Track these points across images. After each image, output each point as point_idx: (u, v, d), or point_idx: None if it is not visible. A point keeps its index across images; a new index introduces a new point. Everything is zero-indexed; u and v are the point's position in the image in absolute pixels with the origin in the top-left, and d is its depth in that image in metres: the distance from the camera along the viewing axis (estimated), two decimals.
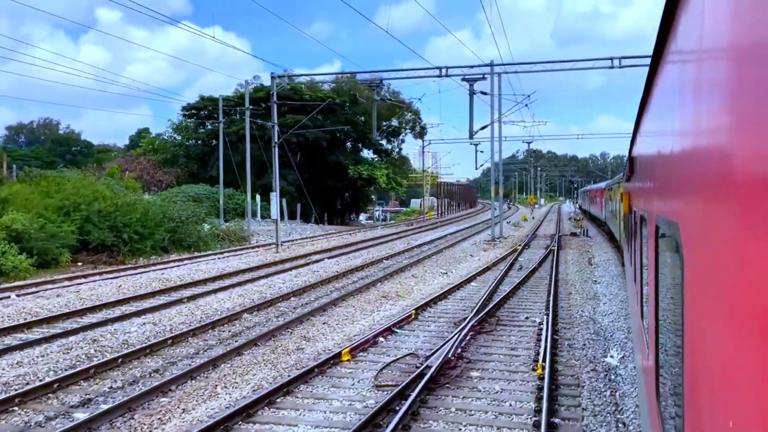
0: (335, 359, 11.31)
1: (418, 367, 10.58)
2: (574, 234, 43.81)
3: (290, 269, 24.83)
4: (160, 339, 13.04)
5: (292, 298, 18.58)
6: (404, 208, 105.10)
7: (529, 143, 64.89)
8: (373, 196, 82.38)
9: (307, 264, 26.71)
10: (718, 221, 1.49)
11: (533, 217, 71.09)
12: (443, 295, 18.03)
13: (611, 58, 27.85)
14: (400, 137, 68.03)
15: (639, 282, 5.60)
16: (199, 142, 57.94)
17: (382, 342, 12.83)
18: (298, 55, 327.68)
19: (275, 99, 32.68)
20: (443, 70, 29.10)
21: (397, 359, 11.48)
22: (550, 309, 15.69)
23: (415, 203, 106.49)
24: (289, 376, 10.32)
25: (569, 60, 29.10)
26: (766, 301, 1.07)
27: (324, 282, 21.16)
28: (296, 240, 40.95)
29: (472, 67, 29.95)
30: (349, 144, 57.91)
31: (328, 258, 28.31)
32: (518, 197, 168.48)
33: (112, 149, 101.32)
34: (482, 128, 31.39)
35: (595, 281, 22.28)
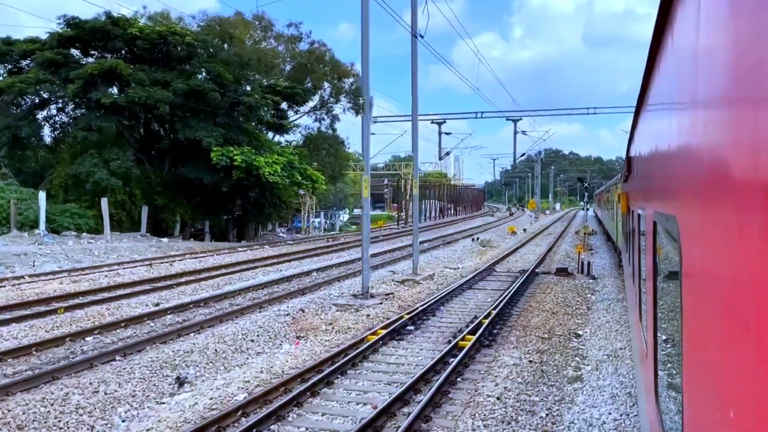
0: None
1: None
2: (562, 271, 22.65)
3: None
4: None
5: None
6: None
7: (515, 121, 43.53)
8: (317, 199, 62.30)
9: None
10: (713, 213, 1.53)
11: (524, 230, 49.66)
12: None
13: None
14: (332, 111, 46.87)
15: (637, 281, 5.51)
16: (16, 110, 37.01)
17: None
18: None
19: None
20: None
21: None
22: None
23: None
24: None
25: None
26: (763, 290, 1.09)
27: None
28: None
29: None
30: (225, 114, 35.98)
31: None
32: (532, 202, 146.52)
33: None
34: None
35: None
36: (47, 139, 40.86)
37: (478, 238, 38.04)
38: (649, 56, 3.25)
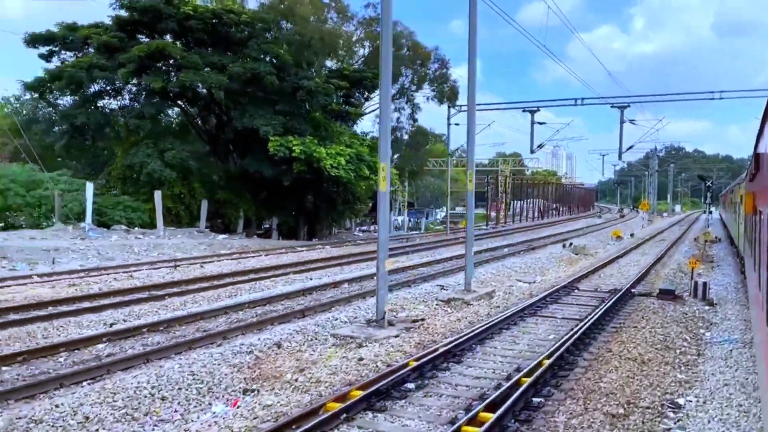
0: None
1: None
2: (667, 294, 17.22)
3: None
4: None
5: None
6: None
7: (622, 108, 37.09)
8: (404, 197, 58.71)
9: None
10: None
11: (632, 235, 43.11)
12: None
13: None
14: (413, 100, 42.68)
15: (765, 285, 5.23)
16: (74, 98, 35.45)
17: None
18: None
19: None
20: None
21: None
22: None
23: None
24: None
25: None
26: None
27: None
28: None
29: None
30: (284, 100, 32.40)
31: None
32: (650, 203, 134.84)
33: None
34: None
35: None
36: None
37: (571, 244, 32.52)
38: None
